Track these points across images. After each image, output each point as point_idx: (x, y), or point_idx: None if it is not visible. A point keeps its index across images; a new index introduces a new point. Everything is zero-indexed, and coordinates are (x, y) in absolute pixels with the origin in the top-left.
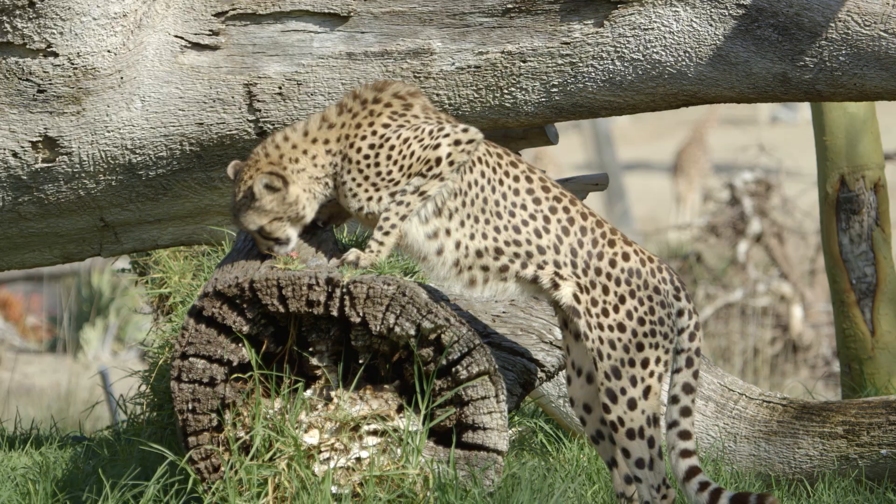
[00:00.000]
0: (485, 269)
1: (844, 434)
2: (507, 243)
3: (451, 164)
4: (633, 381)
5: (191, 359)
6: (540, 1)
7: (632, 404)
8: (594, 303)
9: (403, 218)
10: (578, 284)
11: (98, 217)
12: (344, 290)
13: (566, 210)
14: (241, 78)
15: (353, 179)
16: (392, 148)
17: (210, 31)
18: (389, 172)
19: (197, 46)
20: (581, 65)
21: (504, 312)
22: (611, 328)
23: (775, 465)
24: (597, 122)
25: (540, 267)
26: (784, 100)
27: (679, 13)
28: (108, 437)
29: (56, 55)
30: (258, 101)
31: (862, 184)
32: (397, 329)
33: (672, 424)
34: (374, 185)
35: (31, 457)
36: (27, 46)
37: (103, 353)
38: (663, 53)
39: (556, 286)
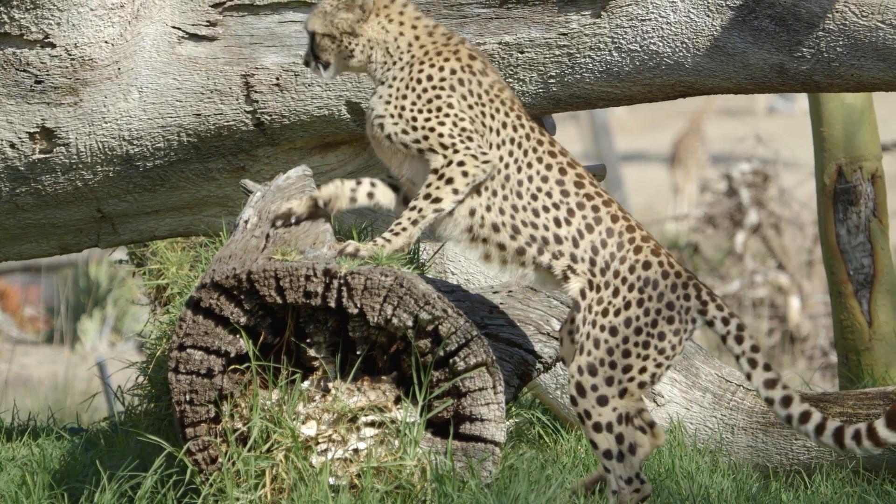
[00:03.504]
0: (501, 247)
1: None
2: (524, 223)
3: (464, 174)
4: (609, 381)
5: (188, 350)
6: None
7: (602, 401)
8: (599, 301)
9: (415, 223)
10: (590, 282)
11: (95, 208)
12: (342, 281)
13: (595, 209)
14: (238, 69)
15: (392, 87)
16: (438, 98)
17: (207, 21)
18: (417, 111)
19: (194, 37)
20: (578, 56)
21: (502, 304)
22: (602, 328)
23: (773, 457)
24: (594, 112)
25: (555, 256)
26: (781, 91)
27: (676, 4)
28: (106, 429)
29: (53, 46)
30: (256, 92)
31: (859, 174)
32: (395, 320)
33: (788, 419)
34: (400, 108)
35: (28, 448)
36: (24, 37)
37: (101, 344)
38: (660, 44)
39: (566, 278)
